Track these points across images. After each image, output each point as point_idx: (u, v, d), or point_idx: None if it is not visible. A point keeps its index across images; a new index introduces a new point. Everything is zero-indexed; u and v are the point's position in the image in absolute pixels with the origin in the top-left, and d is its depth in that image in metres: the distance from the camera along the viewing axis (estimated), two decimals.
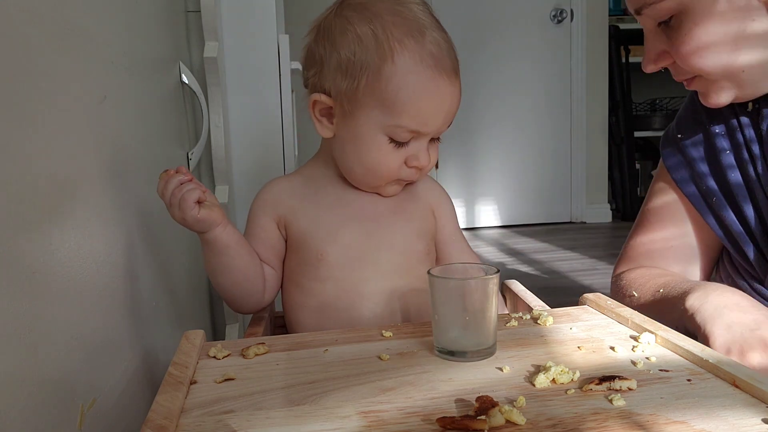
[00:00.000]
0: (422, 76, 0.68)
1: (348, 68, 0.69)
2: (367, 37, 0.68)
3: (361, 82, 0.68)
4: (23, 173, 0.48)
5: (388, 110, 0.68)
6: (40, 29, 0.53)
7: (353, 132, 0.71)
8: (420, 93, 0.68)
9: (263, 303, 0.78)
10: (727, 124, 0.74)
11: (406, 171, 0.73)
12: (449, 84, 0.70)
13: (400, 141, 0.70)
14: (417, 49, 0.67)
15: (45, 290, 0.51)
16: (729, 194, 0.74)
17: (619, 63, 3.37)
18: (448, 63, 0.69)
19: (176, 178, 0.67)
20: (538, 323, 0.62)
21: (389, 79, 0.67)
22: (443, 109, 0.70)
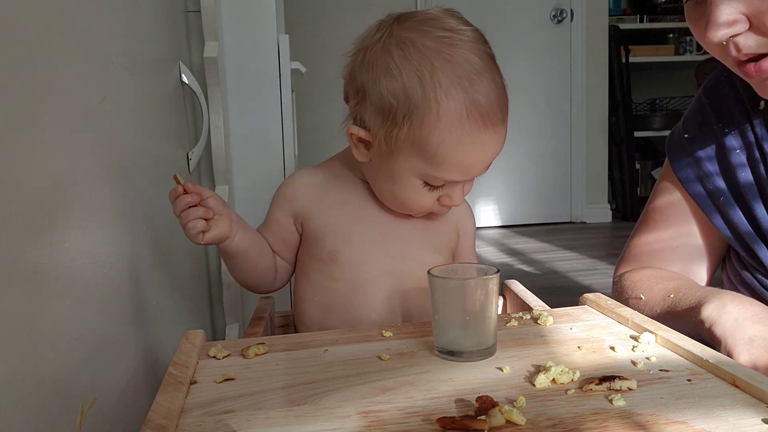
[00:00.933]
0: (466, 130, 0.64)
1: (389, 112, 0.66)
2: (413, 85, 0.64)
3: (402, 130, 0.65)
4: (23, 173, 0.48)
5: (428, 161, 0.66)
6: (40, 29, 0.53)
7: (388, 168, 0.69)
8: (463, 148, 0.65)
9: (273, 289, 0.82)
10: (738, 123, 0.73)
11: (437, 207, 0.72)
12: (494, 135, 0.66)
13: (435, 186, 0.69)
14: (464, 101, 0.63)
15: (45, 290, 0.51)
16: (738, 194, 0.73)
17: (619, 63, 3.37)
18: (497, 114, 0.65)
19: (182, 202, 0.67)
20: (538, 323, 0.62)
21: (431, 132, 0.64)
22: (485, 159, 0.68)
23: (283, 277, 0.81)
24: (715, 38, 0.58)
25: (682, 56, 3.52)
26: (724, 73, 0.75)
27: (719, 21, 0.57)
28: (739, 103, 0.73)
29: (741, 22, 0.57)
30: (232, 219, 0.71)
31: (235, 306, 1.18)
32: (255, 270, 0.76)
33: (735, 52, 0.60)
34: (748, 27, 0.58)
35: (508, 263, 2.55)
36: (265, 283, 0.79)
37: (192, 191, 0.67)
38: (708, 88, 0.78)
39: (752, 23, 0.57)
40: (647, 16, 3.54)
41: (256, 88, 1.25)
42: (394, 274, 0.74)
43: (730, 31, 0.58)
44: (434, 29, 0.65)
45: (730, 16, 0.57)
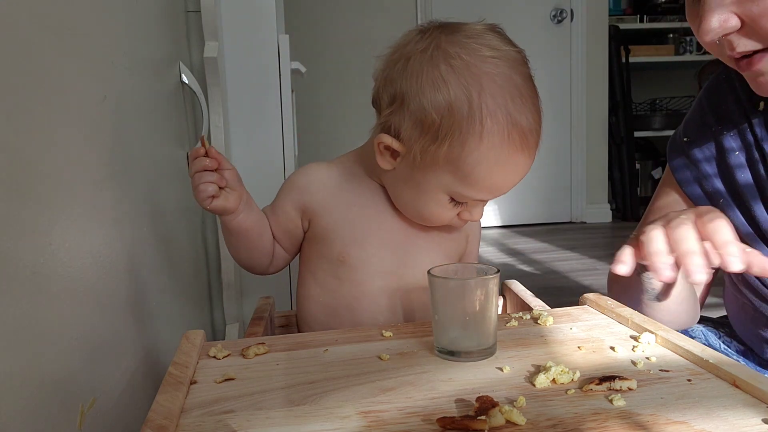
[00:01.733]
0: (504, 152, 0.64)
1: (431, 127, 0.64)
2: (460, 103, 0.63)
3: (442, 147, 0.64)
4: (23, 173, 0.48)
5: (461, 179, 0.66)
6: (40, 29, 0.53)
7: (415, 181, 0.69)
8: (499, 169, 0.65)
9: (266, 272, 0.82)
10: (737, 124, 0.73)
11: (456, 221, 0.73)
12: (528, 158, 0.66)
13: (460, 202, 0.69)
14: (506, 124, 0.63)
15: (45, 290, 0.51)
16: (737, 195, 0.73)
17: (619, 63, 3.37)
18: (534, 137, 0.65)
19: (200, 162, 0.67)
20: (538, 323, 0.62)
21: (471, 152, 0.63)
22: (515, 181, 0.68)
23: (278, 263, 0.80)
24: (707, 38, 0.60)
25: (682, 56, 3.52)
26: (724, 74, 0.76)
27: (711, 21, 0.59)
28: (738, 104, 0.73)
29: (732, 23, 0.58)
30: (242, 197, 0.71)
31: (235, 306, 1.18)
32: (251, 251, 0.76)
33: (729, 51, 0.61)
34: (740, 27, 0.59)
35: (508, 263, 2.55)
36: (260, 265, 0.79)
37: (214, 156, 0.67)
38: (708, 90, 0.78)
39: (744, 24, 0.58)
40: (647, 16, 3.54)
41: (256, 88, 1.25)
42: (402, 280, 0.73)
43: (721, 32, 0.59)
44: (482, 47, 0.66)
45: (722, 16, 0.58)
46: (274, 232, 0.77)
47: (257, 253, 0.77)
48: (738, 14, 0.58)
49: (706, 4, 0.59)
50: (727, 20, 0.58)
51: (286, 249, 0.80)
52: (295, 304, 0.82)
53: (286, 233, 0.78)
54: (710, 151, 0.76)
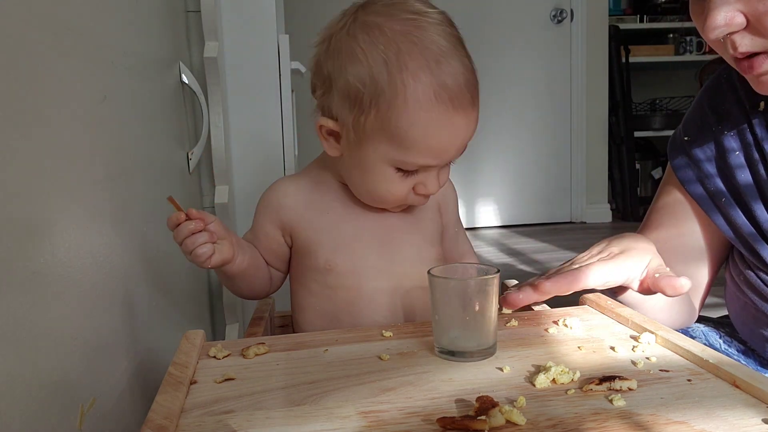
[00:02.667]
0: (435, 112, 0.63)
1: (356, 99, 0.64)
2: (378, 68, 0.63)
3: (369, 116, 0.64)
4: (23, 173, 0.48)
5: (397, 146, 0.65)
6: (40, 29, 0.53)
7: (359, 159, 0.68)
8: (432, 130, 0.64)
9: (268, 295, 0.82)
10: (737, 124, 0.73)
11: (413, 197, 0.71)
12: (464, 117, 0.65)
13: (408, 171, 0.68)
14: (431, 83, 0.62)
15: (45, 290, 0.51)
16: (738, 195, 0.73)
17: (619, 63, 3.37)
18: (466, 96, 0.64)
19: (186, 228, 0.65)
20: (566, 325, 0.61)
21: (399, 116, 0.63)
22: (456, 143, 0.67)
23: (277, 284, 0.81)
24: (712, 35, 0.59)
25: (682, 56, 3.52)
26: (725, 74, 0.76)
27: (717, 18, 0.58)
28: (739, 104, 0.73)
29: (738, 21, 0.58)
30: (233, 242, 0.70)
31: (235, 306, 1.18)
32: (253, 286, 0.77)
33: (731, 50, 0.61)
34: (746, 26, 0.59)
35: (508, 263, 2.55)
36: (261, 293, 0.80)
37: (196, 217, 0.66)
38: (708, 89, 0.78)
39: (749, 22, 0.58)
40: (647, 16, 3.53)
41: (256, 88, 1.25)
42: (393, 276, 0.73)
43: (726, 30, 0.59)
44: (400, 12, 0.65)
45: (728, 14, 0.58)
46: (264, 257, 0.77)
47: (258, 285, 0.78)
48: (744, 12, 0.58)
49: (712, 1, 0.58)
50: (732, 18, 0.58)
51: (279, 269, 0.80)
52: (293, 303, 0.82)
53: (274, 255, 0.78)
54: (711, 151, 0.76)
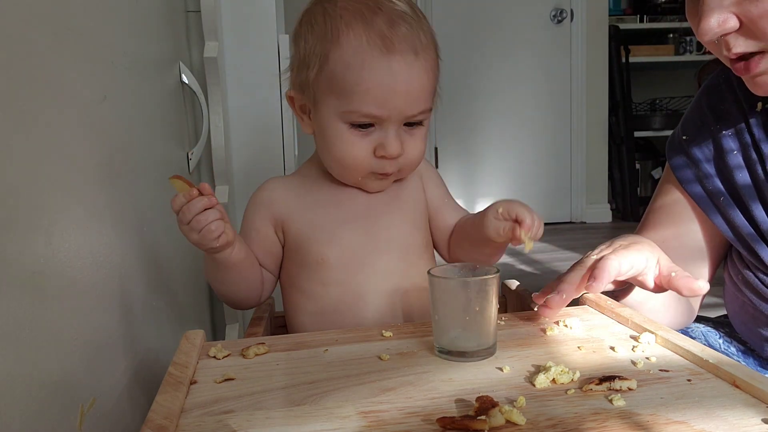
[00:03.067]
0: (368, 55, 0.65)
1: (304, 58, 0.69)
2: (318, 23, 0.68)
3: (313, 71, 0.68)
4: (23, 173, 0.48)
5: (340, 95, 0.67)
6: (40, 29, 0.53)
7: (319, 124, 0.71)
8: (368, 74, 0.65)
9: (258, 303, 0.80)
10: (735, 125, 0.73)
11: (376, 162, 0.70)
12: (404, 63, 0.66)
13: (359, 125, 0.68)
14: (364, 30, 0.65)
15: (45, 290, 0.51)
16: (736, 195, 0.73)
17: (619, 63, 3.37)
18: (403, 42, 0.65)
19: (200, 203, 0.63)
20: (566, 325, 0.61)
21: (336, 63, 0.66)
22: (398, 90, 0.66)
23: (268, 289, 0.79)
24: (706, 38, 0.60)
25: (682, 56, 3.52)
26: (723, 74, 0.76)
27: (710, 21, 0.59)
28: (737, 104, 0.73)
29: (731, 24, 0.59)
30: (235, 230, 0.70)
31: None
32: (247, 282, 0.74)
33: (725, 51, 0.61)
34: (739, 28, 0.59)
35: (509, 263, 2.55)
36: (252, 296, 0.77)
37: (208, 192, 0.64)
38: (707, 89, 0.78)
39: (743, 24, 0.59)
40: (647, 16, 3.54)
41: (256, 88, 1.25)
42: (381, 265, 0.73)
43: (720, 31, 0.59)
44: None
45: (720, 16, 0.58)
46: (256, 255, 0.76)
47: (251, 282, 0.75)
48: (737, 15, 0.58)
49: (706, 4, 0.59)
50: (726, 21, 0.58)
51: (271, 271, 0.78)
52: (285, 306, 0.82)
53: (268, 254, 0.77)
54: (709, 151, 0.76)
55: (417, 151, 0.72)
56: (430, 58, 0.69)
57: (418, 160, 0.73)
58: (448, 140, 3.36)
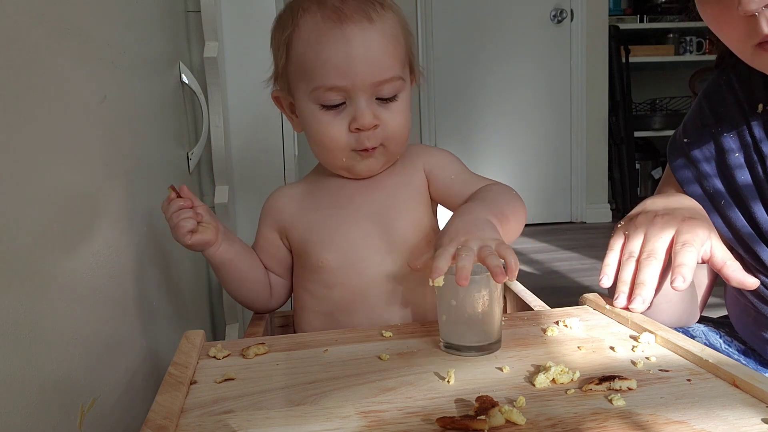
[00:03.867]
0: (323, 29, 0.67)
1: (275, 51, 0.72)
2: (282, 17, 0.72)
3: (282, 59, 0.71)
4: (22, 173, 0.48)
5: (306, 75, 0.68)
6: (40, 29, 0.53)
7: (299, 114, 0.72)
8: (323, 45, 0.66)
9: (271, 307, 0.82)
10: (736, 126, 0.74)
11: (354, 138, 0.69)
12: (358, 29, 0.66)
13: (330, 105, 0.68)
14: (318, 8, 0.68)
15: (45, 290, 0.51)
16: (737, 195, 0.73)
17: (619, 63, 3.37)
18: (355, 11, 0.67)
19: (176, 204, 0.71)
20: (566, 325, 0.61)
21: (297, 45, 0.69)
22: (357, 55, 0.66)
23: (280, 294, 0.81)
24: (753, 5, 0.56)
25: (682, 56, 3.52)
26: (724, 76, 0.76)
27: None
28: (738, 106, 0.73)
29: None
30: (218, 229, 0.74)
31: (235, 306, 1.18)
32: (244, 282, 0.78)
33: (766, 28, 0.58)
34: None
35: None
36: (260, 298, 0.80)
37: (186, 196, 0.73)
38: (707, 91, 0.79)
39: None
40: (647, 16, 3.54)
41: (256, 88, 1.25)
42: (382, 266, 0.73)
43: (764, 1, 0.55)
44: None
45: None
46: (263, 261, 0.80)
47: (251, 283, 0.78)
48: None
49: None
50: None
51: (280, 275, 0.81)
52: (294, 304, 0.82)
53: (274, 259, 0.80)
54: (710, 152, 0.76)
55: (395, 123, 0.70)
56: (390, 24, 0.69)
57: (400, 132, 0.71)
58: (448, 140, 3.36)
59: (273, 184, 1.29)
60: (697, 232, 0.64)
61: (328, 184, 0.77)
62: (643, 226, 0.67)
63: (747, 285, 0.63)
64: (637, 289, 0.62)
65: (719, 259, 0.65)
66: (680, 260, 0.61)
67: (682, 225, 0.65)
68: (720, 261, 0.65)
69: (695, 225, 0.65)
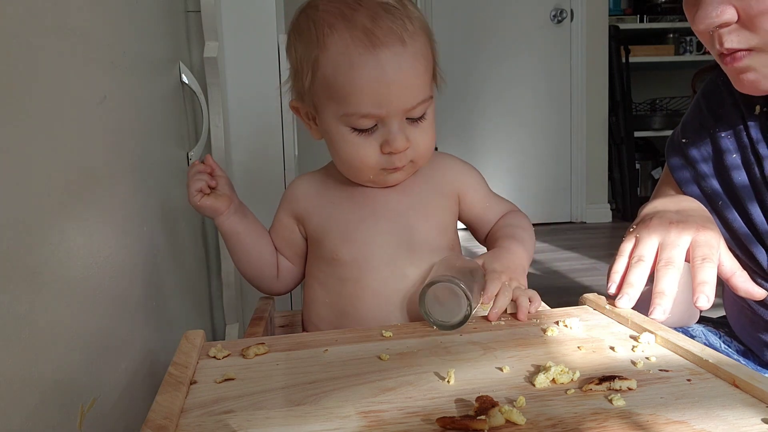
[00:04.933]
0: (355, 54, 0.64)
1: (297, 68, 0.70)
2: (304, 30, 0.68)
3: (307, 79, 0.68)
4: (22, 173, 0.48)
5: (336, 99, 0.66)
6: (40, 29, 0.53)
7: (326, 131, 0.71)
8: (357, 72, 0.64)
9: (275, 289, 0.83)
10: (733, 126, 0.74)
11: (385, 159, 0.69)
12: (391, 54, 0.64)
13: (362, 129, 0.67)
14: (347, 28, 0.64)
15: (45, 290, 0.51)
16: (734, 196, 0.74)
17: (619, 63, 3.37)
18: (388, 33, 0.64)
19: (195, 168, 0.75)
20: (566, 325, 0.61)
21: (326, 67, 0.66)
22: (391, 82, 0.64)
23: (285, 276, 0.82)
24: (701, 26, 0.61)
25: (682, 56, 3.52)
26: (722, 77, 0.76)
27: (708, 9, 0.60)
28: (735, 107, 0.74)
29: (729, 15, 0.59)
30: (232, 201, 0.76)
31: (235, 306, 1.18)
32: (250, 257, 0.79)
33: (717, 44, 0.62)
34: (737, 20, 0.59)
35: None
36: (265, 276, 0.81)
37: (209, 163, 0.76)
38: (705, 92, 0.79)
39: (740, 18, 0.59)
40: (647, 16, 3.54)
41: (256, 88, 1.25)
42: (398, 266, 0.72)
43: (717, 21, 0.60)
44: None
45: (720, 6, 0.59)
46: (276, 244, 0.81)
47: (257, 261, 0.79)
48: (737, 8, 0.59)
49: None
50: (724, 11, 0.59)
51: (290, 259, 0.81)
52: (295, 304, 0.83)
53: (285, 242, 0.80)
54: (707, 152, 0.76)
55: (425, 142, 0.71)
56: (421, 44, 0.67)
57: (429, 150, 0.72)
58: (448, 140, 3.36)
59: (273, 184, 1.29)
60: (712, 244, 0.63)
61: (348, 184, 0.76)
62: (657, 233, 0.65)
63: (755, 296, 0.63)
64: (656, 299, 0.60)
65: (728, 269, 0.64)
66: (702, 278, 0.60)
67: (698, 235, 0.64)
68: (729, 271, 0.64)
69: (710, 235, 0.64)
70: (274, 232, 0.81)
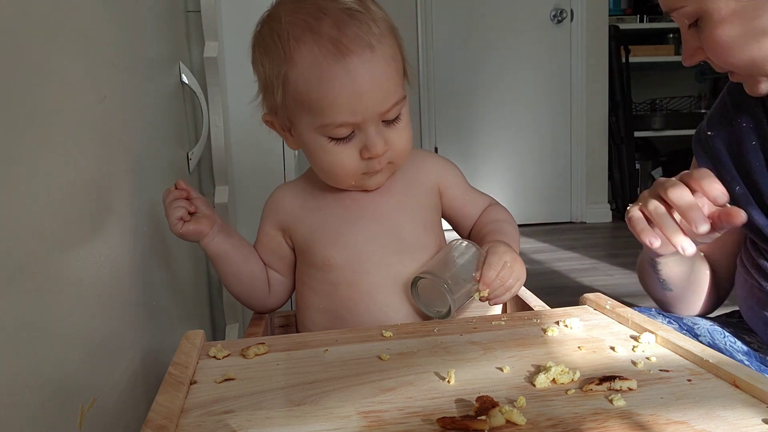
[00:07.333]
0: (324, 65, 0.63)
1: (266, 84, 0.69)
2: (270, 45, 0.67)
3: (278, 95, 0.67)
4: (22, 173, 0.48)
5: (310, 111, 0.66)
6: (40, 29, 0.53)
7: (301, 141, 0.71)
8: (328, 85, 0.63)
9: (269, 305, 0.81)
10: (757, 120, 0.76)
11: (365, 164, 0.69)
12: (361, 61, 0.63)
13: (340, 137, 0.67)
14: (314, 40, 0.63)
15: (45, 290, 0.51)
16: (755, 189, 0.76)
17: (619, 63, 3.37)
18: (355, 40, 0.63)
19: (171, 195, 0.72)
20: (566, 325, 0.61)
21: (297, 81, 0.65)
22: (364, 90, 0.64)
23: (279, 291, 0.81)
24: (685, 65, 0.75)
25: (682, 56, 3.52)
26: None
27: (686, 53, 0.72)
28: (759, 101, 0.76)
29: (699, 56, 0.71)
30: (215, 221, 0.74)
31: (235, 306, 1.18)
32: (240, 276, 0.77)
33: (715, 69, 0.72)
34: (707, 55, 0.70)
35: None
36: (256, 295, 0.79)
37: (181, 188, 0.73)
38: (730, 88, 0.82)
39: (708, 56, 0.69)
40: (647, 16, 3.53)
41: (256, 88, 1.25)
42: (390, 265, 0.73)
43: (693, 61, 0.72)
44: None
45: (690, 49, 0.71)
46: (263, 258, 0.80)
47: (247, 279, 0.78)
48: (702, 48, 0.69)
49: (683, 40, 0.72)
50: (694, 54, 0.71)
51: (279, 271, 0.80)
52: (294, 304, 0.82)
53: (273, 254, 0.79)
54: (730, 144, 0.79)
55: (402, 142, 0.71)
56: (388, 45, 0.66)
57: (406, 150, 0.72)
58: (448, 140, 3.36)
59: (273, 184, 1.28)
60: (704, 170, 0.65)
61: (329, 190, 0.76)
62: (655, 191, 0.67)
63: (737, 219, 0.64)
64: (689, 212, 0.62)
65: None
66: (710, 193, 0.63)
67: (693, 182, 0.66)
68: None
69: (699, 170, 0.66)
70: (261, 245, 0.79)
